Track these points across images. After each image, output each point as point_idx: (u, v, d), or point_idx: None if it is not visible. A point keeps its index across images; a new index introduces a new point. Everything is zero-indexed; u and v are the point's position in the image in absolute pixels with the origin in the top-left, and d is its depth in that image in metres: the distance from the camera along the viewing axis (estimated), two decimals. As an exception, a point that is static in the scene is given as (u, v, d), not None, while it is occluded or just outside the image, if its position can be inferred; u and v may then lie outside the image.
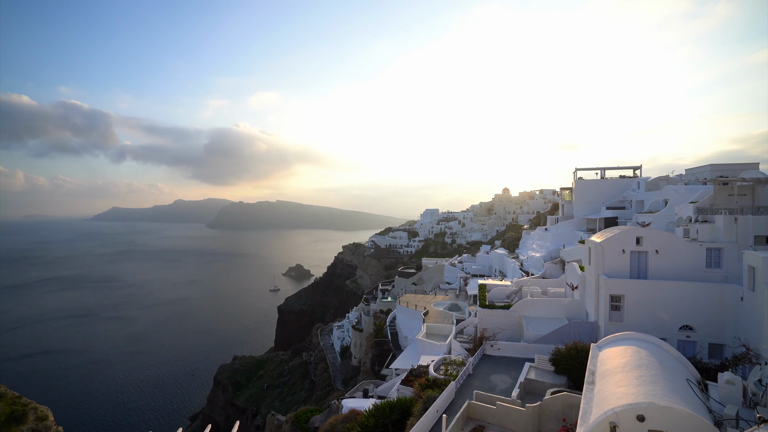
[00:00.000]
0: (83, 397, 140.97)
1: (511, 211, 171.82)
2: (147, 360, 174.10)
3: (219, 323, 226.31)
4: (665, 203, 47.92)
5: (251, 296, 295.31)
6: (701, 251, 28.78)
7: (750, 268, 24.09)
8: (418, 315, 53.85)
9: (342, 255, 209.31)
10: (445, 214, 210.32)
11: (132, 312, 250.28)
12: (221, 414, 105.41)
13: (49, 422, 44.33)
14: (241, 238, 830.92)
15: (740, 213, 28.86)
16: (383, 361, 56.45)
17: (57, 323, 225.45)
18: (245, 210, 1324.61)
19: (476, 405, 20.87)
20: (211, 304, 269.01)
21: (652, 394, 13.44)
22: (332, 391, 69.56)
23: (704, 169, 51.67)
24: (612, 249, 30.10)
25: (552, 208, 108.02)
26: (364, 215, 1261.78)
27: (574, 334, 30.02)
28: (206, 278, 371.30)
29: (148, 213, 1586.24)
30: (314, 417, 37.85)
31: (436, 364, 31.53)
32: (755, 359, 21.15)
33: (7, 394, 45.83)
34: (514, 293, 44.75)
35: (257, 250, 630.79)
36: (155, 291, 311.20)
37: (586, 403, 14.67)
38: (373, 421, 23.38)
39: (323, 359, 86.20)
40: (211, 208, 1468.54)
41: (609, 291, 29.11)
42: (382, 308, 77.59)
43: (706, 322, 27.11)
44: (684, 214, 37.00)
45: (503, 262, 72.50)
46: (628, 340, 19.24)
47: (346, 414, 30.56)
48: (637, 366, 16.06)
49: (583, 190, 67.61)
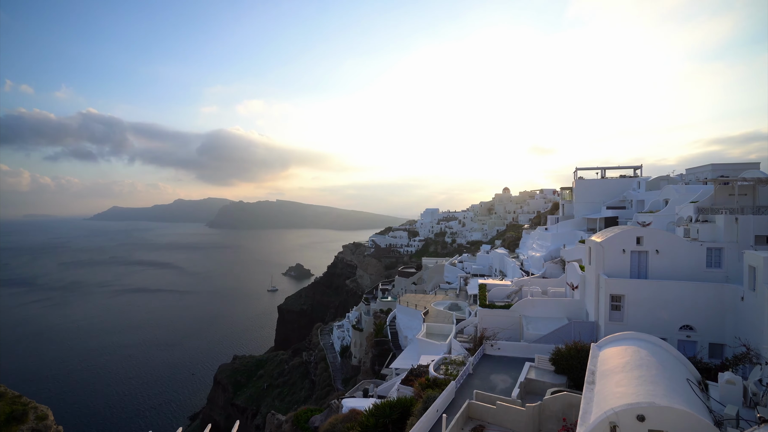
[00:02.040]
0: (83, 397, 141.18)
1: (511, 210, 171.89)
2: (147, 360, 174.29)
3: (219, 323, 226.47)
4: (666, 203, 47.86)
5: (251, 296, 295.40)
6: (702, 251, 28.74)
7: (750, 268, 24.05)
8: (418, 315, 53.85)
9: (342, 254, 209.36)
10: (446, 214, 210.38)
11: (132, 312, 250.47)
12: (221, 413, 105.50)
13: (49, 422, 44.35)
14: (242, 238, 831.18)
15: (741, 213, 28.81)
16: (383, 360, 56.44)
17: (57, 323, 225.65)
18: (245, 209, 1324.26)
19: (476, 405, 20.86)
20: (211, 304, 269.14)
21: (653, 393, 13.41)
22: (332, 390, 69.58)
23: (705, 169, 51.64)
24: (612, 249, 30.07)
25: (552, 208, 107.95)
26: (364, 215, 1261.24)
27: (574, 334, 29.99)
28: (206, 278, 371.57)
29: (149, 212, 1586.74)
30: (314, 417, 37.86)
31: (436, 364, 31.53)
32: (756, 359, 21.12)
33: (7, 394, 45.86)
34: (514, 293, 44.72)
35: (257, 249, 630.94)
36: (155, 291, 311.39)
37: (587, 403, 14.65)
38: (373, 420, 23.38)
39: (323, 359, 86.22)
40: (211, 207, 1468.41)
41: (609, 291, 29.08)
42: (383, 308, 77.64)
43: (707, 321, 27.08)
44: (684, 213, 36.97)
45: (503, 261, 72.49)
46: (628, 340, 19.21)
47: (347, 414, 30.55)
48: (637, 366, 16.03)
49: (584, 189, 67.57)
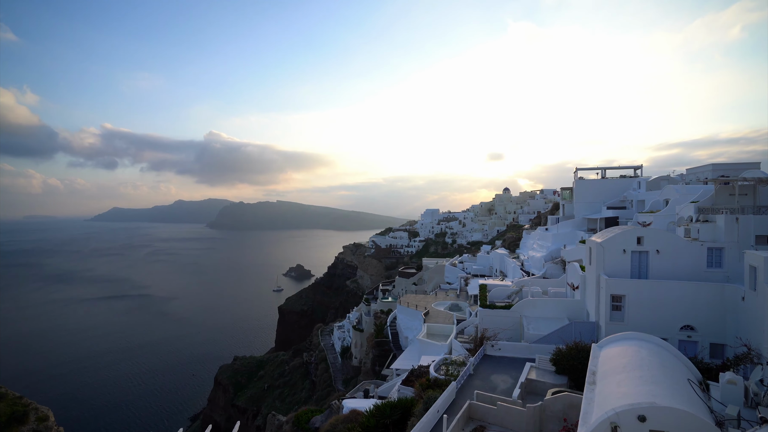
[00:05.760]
0: (84, 398, 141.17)
1: (511, 211, 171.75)
2: (147, 360, 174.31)
3: (219, 323, 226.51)
4: (666, 203, 47.85)
5: (252, 296, 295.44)
6: (702, 251, 28.72)
7: (751, 268, 24.03)
8: (418, 315, 53.83)
9: (342, 255, 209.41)
10: (446, 214, 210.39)
11: (132, 312, 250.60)
12: (222, 414, 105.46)
13: (50, 423, 44.40)
14: (242, 238, 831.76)
15: (741, 213, 28.79)
16: (384, 361, 56.44)
17: (57, 324, 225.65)
18: (246, 210, 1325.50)
19: (477, 405, 20.84)
20: (212, 305, 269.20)
21: (654, 394, 13.41)
22: (333, 391, 69.53)
23: (705, 169, 51.68)
24: (613, 249, 30.06)
25: (553, 208, 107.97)
26: (364, 215, 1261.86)
27: (575, 334, 29.95)
28: (206, 278, 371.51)
29: (149, 213, 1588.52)
30: (315, 417, 37.84)
31: (436, 365, 31.51)
32: (757, 359, 21.09)
33: (8, 395, 45.91)
34: (514, 293, 44.70)
35: (258, 250, 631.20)
36: (155, 291, 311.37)
37: (587, 404, 14.65)
38: (374, 421, 23.38)
39: (324, 359, 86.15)
40: (211, 208, 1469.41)
41: (610, 291, 29.06)
42: (383, 308, 77.65)
43: (708, 322, 27.05)
44: (685, 213, 36.96)
45: (504, 262, 72.48)
46: (629, 340, 19.21)
47: (347, 414, 30.54)
48: (638, 366, 16.03)
49: (584, 190, 67.60)
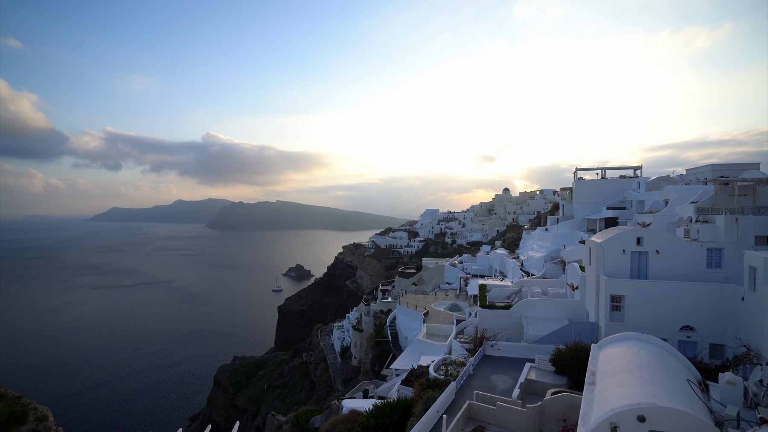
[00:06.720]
0: (83, 398, 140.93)
1: (511, 211, 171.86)
2: (147, 360, 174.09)
3: (219, 323, 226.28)
4: (666, 203, 47.88)
5: (251, 296, 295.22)
6: (702, 251, 28.71)
7: (751, 269, 24.03)
8: (418, 315, 53.83)
9: (342, 255, 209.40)
10: (446, 215, 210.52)
11: (132, 312, 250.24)
12: (221, 414, 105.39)
13: (49, 423, 44.37)
14: (241, 238, 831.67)
15: (741, 213, 28.80)
16: (383, 361, 56.41)
17: (57, 324, 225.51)
18: (245, 210, 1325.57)
19: (477, 405, 20.84)
20: (211, 304, 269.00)
21: (653, 394, 13.41)
22: (332, 391, 69.49)
23: (705, 169, 51.68)
24: (612, 249, 30.06)
25: (552, 209, 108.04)
26: (363, 215, 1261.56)
27: (574, 335, 29.95)
28: (206, 278, 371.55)
29: (149, 213, 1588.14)
30: (314, 417, 37.83)
31: (436, 365, 31.51)
32: (756, 360, 21.09)
33: (7, 395, 45.88)
34: (514, 293, 44.71)
35: (257, 250, 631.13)
36: (155, 291, 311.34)
37: (587, 404, 14.65)
38: (374, 421, 23.35)
39: (323, 360, 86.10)
40: (211, 208, 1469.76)
41: (609, 291, 29.06)
42: (383, 308, 77.60)
43: (707, 322, 27.05)
44: (684, 214, 36.98)
45: (503, 262, 72.50)
46: (628, 341, 19.21)
47: (347, 414, 30.53)
48: (637, 366, 16.03)
49: (584, 190, 67.63)
